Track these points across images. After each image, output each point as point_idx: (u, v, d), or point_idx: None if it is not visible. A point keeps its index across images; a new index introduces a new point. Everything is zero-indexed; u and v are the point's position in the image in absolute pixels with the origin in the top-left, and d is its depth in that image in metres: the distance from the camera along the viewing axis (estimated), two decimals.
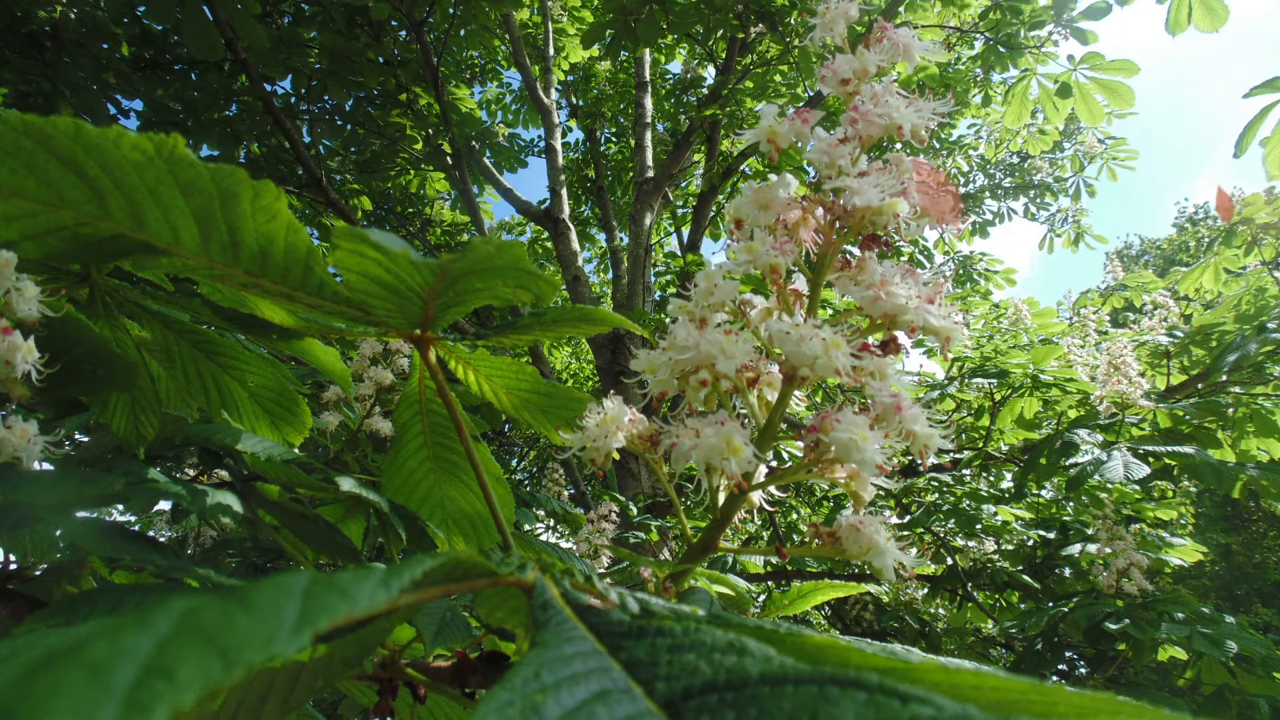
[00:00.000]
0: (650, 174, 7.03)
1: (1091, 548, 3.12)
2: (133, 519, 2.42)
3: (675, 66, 8.74)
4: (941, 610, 4.97)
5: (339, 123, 5.99)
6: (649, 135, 7.27)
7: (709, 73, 8.35)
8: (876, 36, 0.70)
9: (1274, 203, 3.63)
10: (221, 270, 0.65)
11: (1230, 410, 2.88)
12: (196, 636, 0.22)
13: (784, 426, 0.66)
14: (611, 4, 5.16)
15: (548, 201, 7.03)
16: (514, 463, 10.76)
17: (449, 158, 6.47)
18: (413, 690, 0.78)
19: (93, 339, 0.82)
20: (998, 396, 3.64)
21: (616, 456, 0.71)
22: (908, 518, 3.91)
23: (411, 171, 7.25)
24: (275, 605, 0.25)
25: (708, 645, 0.30)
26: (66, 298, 0.85)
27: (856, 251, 0.68)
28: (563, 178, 7.05)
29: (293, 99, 5.76)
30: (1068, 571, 3.63)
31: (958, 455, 3.88)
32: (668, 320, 0.70)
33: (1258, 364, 2.85)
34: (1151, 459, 2.54)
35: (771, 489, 0.67)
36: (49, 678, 0.20)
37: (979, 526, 3.59)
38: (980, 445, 3.86)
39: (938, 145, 7.98)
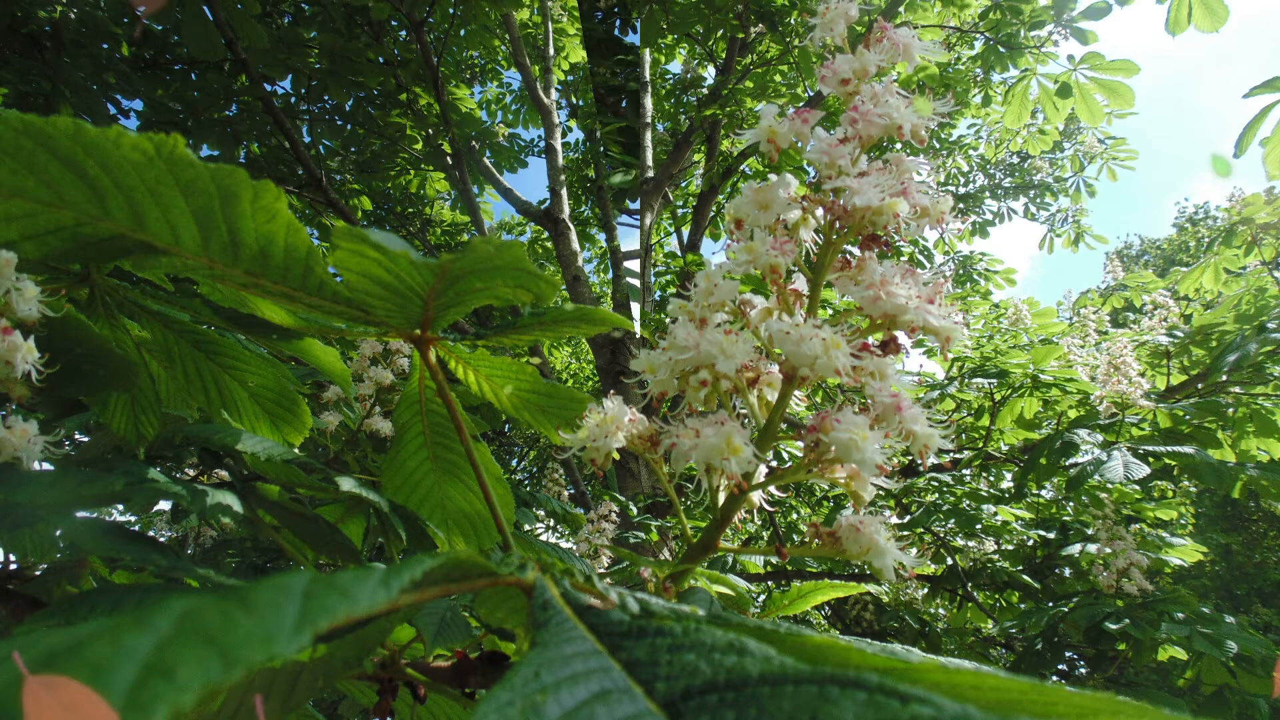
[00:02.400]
0: (650, 174, 7.03)
1: (1091, 548, 3.12)
2: (133, 519, 2.43)
3: (675, 66, 8.74)
4: (941, 610, 4.96)
5: (339, 123, 5.99)
6: (649, 135, 7.27)
7: (709, 73, 8.35)
8: (876, 36, 0.70)
9: (1274, 203, 3.63)
10: (221, 270, 0.65)
11: (1230, 410, 2.88)
12: (196, 636, 0.22)
13: (784, 426, 0.66)
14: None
15: (548, 201, 7.02)
16: (514, 463, 10.76)
17: (449, 158, 6.46)
18: (413, 690, 0.78)
19: (93, 339, 0.82)
20: (998, 396, 3.64)
21: (616, 456, 0.71)
22: (908, 518, 3.91)
23: (411, 171, 7.24)
24: (275, 605, 0.25)
25: (708, 645, 0.30)
26: (66, 298, 0.85)
27: (856, 251, 0.68)
28: (563, 178, 7.04)
29: (293, 99, 5.76)
30: (1068, 571, 3.63)
31: (958, 455, 3.88)
32: (668, 320, 0.70)
33: (1258, 364, 2.85)
34: (1151, 459, 2.54)
35: (771, 489, 0.67)
36: None
37: (979, 526, 3.59)
38: (980, 445, 3.86)
39: (938, 145, 7.97)
